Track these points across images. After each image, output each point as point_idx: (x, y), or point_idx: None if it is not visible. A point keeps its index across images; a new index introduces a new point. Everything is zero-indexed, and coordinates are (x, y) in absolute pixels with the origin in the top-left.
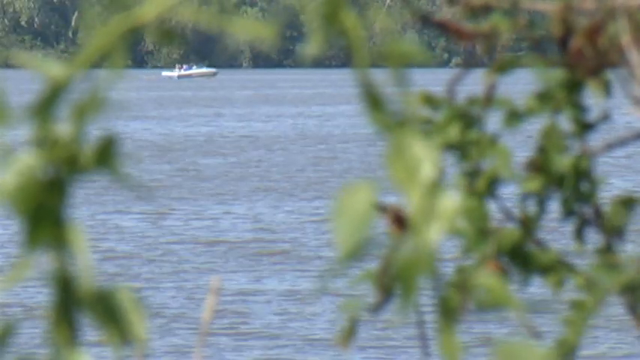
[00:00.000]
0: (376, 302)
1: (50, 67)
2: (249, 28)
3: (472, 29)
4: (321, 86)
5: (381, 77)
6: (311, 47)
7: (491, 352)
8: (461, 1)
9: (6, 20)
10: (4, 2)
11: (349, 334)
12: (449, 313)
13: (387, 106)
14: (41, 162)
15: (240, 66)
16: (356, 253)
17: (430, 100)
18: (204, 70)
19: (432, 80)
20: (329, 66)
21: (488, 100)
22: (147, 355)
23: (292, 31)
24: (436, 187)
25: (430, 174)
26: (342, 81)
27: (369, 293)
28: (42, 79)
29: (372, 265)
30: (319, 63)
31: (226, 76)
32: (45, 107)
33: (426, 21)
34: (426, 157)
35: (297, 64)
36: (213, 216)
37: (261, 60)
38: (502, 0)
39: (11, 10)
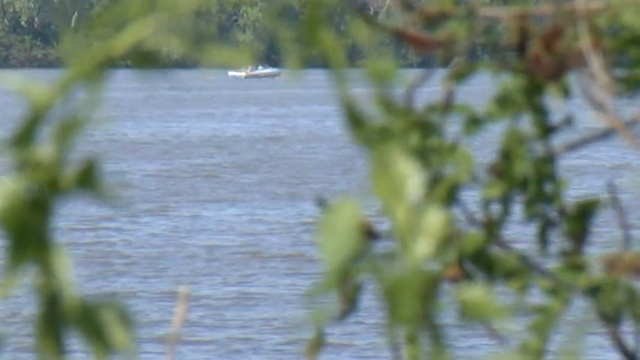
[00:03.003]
0: (341, 311)
1: (32, 89)
2: (224, 57)
3: (430, 37)
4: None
5: (362, 93)
6: (290, 67)
7: None
8: (417, 10)
9: (6, 20)
10: (4, 2)
11: (317, 344)
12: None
13: (369, 121)
14: (24, 184)
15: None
16: (343, 270)
17: (387, 107)
18: (269, 70)
19: (432, 81)
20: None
21: (448, 107)
22: None
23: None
24: (422, 203)
25: (415, 190)
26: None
27: (335, 302)
28: (24, 102)
29: (335, 274)
30: (321, 63)
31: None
32: (26, 131)
33: (384, 30)
34: (410, 174)
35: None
36: None
37: (261, 60)
38: (458, 8)
39: (11, 10)
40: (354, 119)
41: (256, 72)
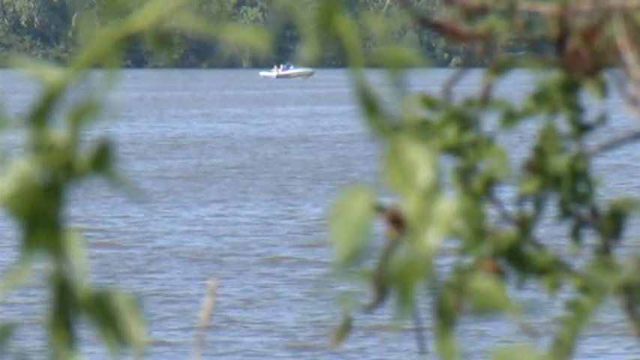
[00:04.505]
0: (371, 301)
1: (46, 72)
2: (242, 35)
3: (469, 30)
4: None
5: (377, 80)
6: (306, 52)
7: (488, 356)
8: (458, 3)
9: (6, 20)
10: (4, 2)
11: (344, 330)
12: (445, 313)
13: (383, 110)
14: (38, 168)
15: (240, 65)
16: (353, 258)
17: (428, 102)
18: (301, 70)
19: (432, 80)
20: (330, 66)
21: (485, 101)
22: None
23: (292, 31)
24: (433, 191)
25: (427, 178)
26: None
27: (364, 291)
28: (37, 84)
29: (370, 264)
30: (319, 63)
31: (320, 75)
32: (41, 113)
33: (423, 22)
34: (422, 162)
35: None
36: None
37: (261, 60)
38: (499, 1)
39: (11, 10)
40: (369, 106)
41: (287, 71)
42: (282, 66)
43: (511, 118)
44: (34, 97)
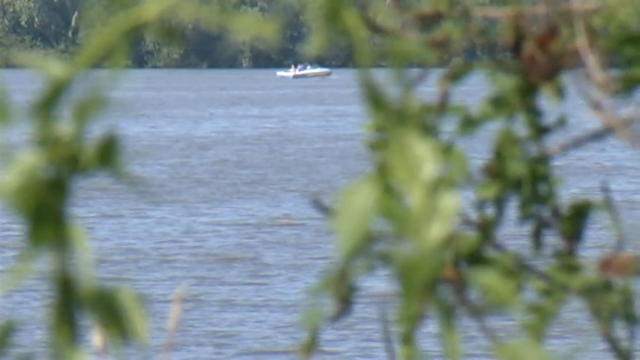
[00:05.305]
0: (335, 311)
1: (51, 66)
2: (250, 26)
3: (426, 38)
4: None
5: (383, 76)
6: (312, 46)
7: (495, 353)
8: (412, 10)
9: (6, 20)
10: (4, 2)
11: (311, 344)
12: (448, 311)
13: (389, 104)
14: (43, 162)
15: (240, 65)
16: (357, 252)
17: (382, 107)
18: (319, 70)
19: (432, 80)
20: (329, 66)
21: (443, 107)
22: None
23: (292, 31)
24: (438, 185)
25: (432, 173)
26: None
27: (328, 302)
28: (43, 79)
29: (330, 275)
30: (319, 63)
31: (338, 76)
32: (46, 107)
33: (377, 31)
34: (428, 156)
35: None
36: None
37: (261, 60)
38: (454, 8)
39: (11, 10)
40: (375, 100)
41: (304, 72)
42: (299, 66)
43: (469, 123)
44: (39, 91)
